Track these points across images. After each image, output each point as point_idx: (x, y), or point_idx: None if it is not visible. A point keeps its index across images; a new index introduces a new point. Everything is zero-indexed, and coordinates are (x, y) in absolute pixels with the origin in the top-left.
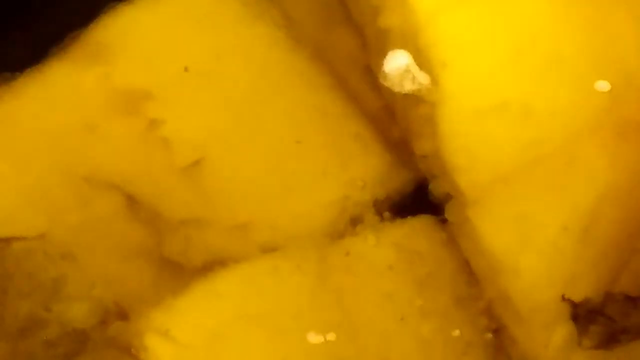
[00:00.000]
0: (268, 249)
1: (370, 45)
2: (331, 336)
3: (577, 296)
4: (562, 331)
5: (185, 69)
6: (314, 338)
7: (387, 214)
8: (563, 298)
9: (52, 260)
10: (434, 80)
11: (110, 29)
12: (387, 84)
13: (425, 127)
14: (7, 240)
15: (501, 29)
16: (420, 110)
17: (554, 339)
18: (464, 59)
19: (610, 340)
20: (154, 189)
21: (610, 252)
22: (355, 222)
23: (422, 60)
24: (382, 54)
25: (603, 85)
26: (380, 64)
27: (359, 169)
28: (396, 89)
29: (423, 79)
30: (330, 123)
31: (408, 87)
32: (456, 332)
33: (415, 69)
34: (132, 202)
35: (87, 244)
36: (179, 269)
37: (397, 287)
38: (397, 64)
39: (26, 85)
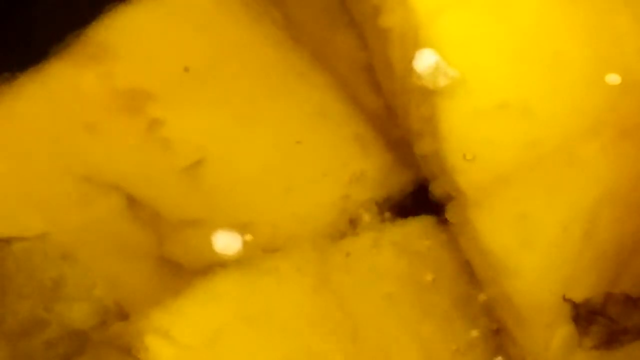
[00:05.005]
0: (268, 250)
1: (372, 46)
2: (331, 337)
3: (578, 296)
4: (562, 331)
5: (185, 69)
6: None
7: (387, 214)
8: (564, 298)
9: (52, 260)
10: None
11: (111, 29)
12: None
13: (425, 127)
14: (7, 240)
15: (502, 29)
16: (421, 110)
17: (554, 339)
18: (464, 59)
19: (610, 340)
20: (154, 189)
21: (611, 253)
22: (355, 222)
23: None
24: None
25: (614, 79)
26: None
27: (359, 169)
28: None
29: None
30: (330, 123)
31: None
32: (456, 333)
33: (443, 64)
34: (132, 202)
35: (87, 244)
36: (179, 269)
37: (398, 288)
38: (427, 63)
39: (26, 85)
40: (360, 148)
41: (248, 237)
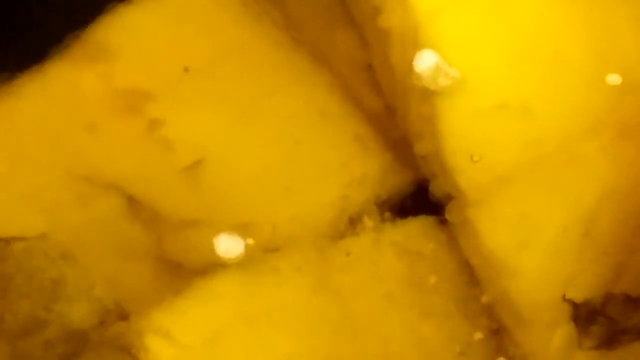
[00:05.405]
0: (268, 250)
1: (372, 46)
2: (331, 337)
3: (578, 296)
4: (562, 332)
5: (185, 69)
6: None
7: (387, 214)
8: (564, 298)
9: (52, 260)
10: None
11: (110, 29)
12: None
13: (425, 127)
14: (7, 240)
15: (501, 29)
16: (421, 110)
17: (554, 339)
18: (464, 59)
19: (610, 340)
20: (154, 189)
21: (611, 252)
22: (355, 222)
23: None
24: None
25: (614, 79)
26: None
27: (359, 169)
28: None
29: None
30: (330, 123)
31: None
32: (456, 332)
33: (444, 65)
34: (132, 202)
35: (87, 244)
36: (179, 269)
37: (398, 288)
38: (427, 64)
39: (26, 85)
40: (360, 148)
41: (250, 240)
